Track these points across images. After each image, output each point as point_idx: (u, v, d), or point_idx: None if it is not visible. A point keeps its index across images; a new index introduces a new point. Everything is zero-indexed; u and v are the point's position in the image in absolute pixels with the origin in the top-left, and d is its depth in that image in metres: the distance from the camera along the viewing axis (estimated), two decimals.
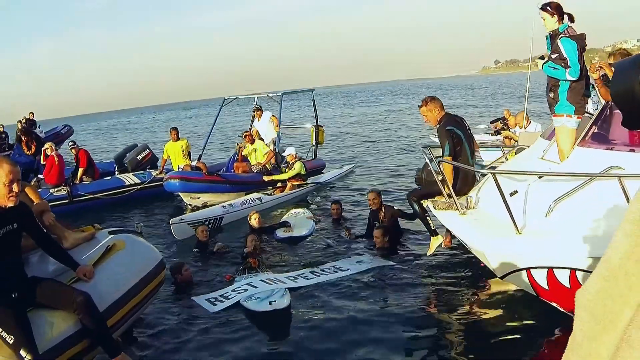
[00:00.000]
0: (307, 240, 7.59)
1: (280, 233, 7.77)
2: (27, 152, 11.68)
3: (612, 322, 0.51)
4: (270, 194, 10.42)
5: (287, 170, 11.18)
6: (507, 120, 10.19)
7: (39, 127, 13.85)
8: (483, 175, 5.15)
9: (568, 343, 0.67)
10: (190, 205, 10.29)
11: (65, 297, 3.29)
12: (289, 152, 11.37)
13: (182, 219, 8.32)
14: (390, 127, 24.52)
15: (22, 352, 2.98)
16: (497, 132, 10.00)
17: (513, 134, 9.85)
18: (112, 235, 3.95)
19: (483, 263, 5.35)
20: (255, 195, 10.04)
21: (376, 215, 7.25)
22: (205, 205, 9.89)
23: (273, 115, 12.12)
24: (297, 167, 11.00)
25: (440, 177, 4.90)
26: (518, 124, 9.81)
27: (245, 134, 11.34)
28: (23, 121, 14.87)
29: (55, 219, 3.83)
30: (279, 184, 10.82)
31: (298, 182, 10.98)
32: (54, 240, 3.63)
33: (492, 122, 10.86)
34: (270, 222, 8.52)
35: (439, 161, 4.92)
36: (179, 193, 10.57)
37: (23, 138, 12.27)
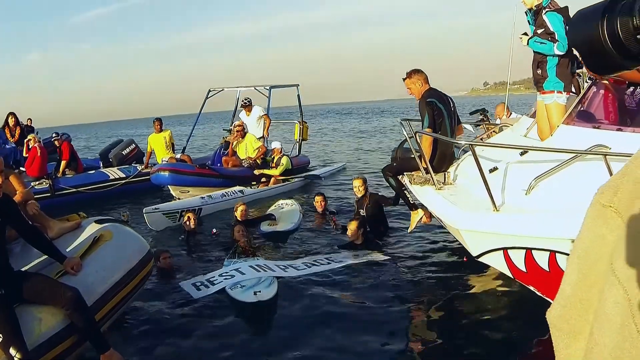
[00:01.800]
0: (294, 233, 7.47)
1: (265, 227, 7.58)
2: (11, 139, 11.30)
3: (580, 334, 0.58)
4: (254, 188, 10.30)
5: (272, 164, 11.12)
6: (487, 112, 10.35)
7: (37, 134, 13.63)
8: (464, 151, 5.05)
9: None
10: (178, 199, 9.89)
11: (53, 293, 3.20)
12: (275, 146, 11.25)
13: (156, 208, 8.08)
14: (377, 140, 24.89)
15: (12, 351, 2.89)
16: (477, 125, 10.15)
17: (493, 126, 9.71)
18: (99, 226, 3.84)
19: (467, 257, 5.36)
20: (237, 188, 9.85)
21: (361, 203, 7.18)
22: None
23: (266, 115, 11.84)
24: (285, 162, 10.94)
25: (417, 152, 4.77)
26: (498, 115, 9.79)
27: (237, 128, 11.15)
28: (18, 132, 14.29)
29: (40, 207, 3.74)
30: (263, 179, 10.74)
31: (283, 177, 10.92)
32: (40, 232, 3.51)
33: (471, 114, 10.97)
34: (257, 213, 8.38)
35: (416, 132, 4.77)
36: (169, 186, 10.24)
37: (10, 121, 11.78)
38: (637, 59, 0.71)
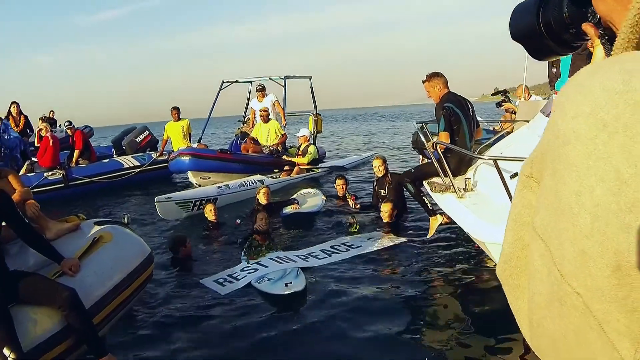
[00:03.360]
0: (315, 217, 7.68)
1: (287, 210, 7.76)
2: (15, 129, 11.41)
3: (525, 287, 0.67)
4: (276, 177, 10.37)
5: (298, 152, 11.16)
6: (508, 93, 10.63)
7: (60, 126, 13.92)
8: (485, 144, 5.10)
9: None
10: (199, 185, 9.97)
11: (50, 293, 3.23)
12: (302, 133, 11.28)
13: (168, 197, 8.14)
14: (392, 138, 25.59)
15: (6, 351, 2.93)
16: (499, 105, 10.41)
17: (514, 106, 9.98)
18: (98, 227, 3.90)
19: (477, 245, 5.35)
20: (256, 177, 9.89)
21: (382, 183, 7.45)
22: None
23: (277, 101, 11.87)
24: (312, 151, 10.95)
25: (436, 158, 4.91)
26: (518, 97, 9.99)
27: (262, 112, 11.17)
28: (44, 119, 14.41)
29: (40, 208, 3.81)
30: (286, 167, 10.77)
31: (307, 167, 10.95)
32: (37, 231, 3.56)
33: (493, 95, 11.19)
34: (279, 199, 8.52)
35: (436, 143, 4.89)
36: (189, 172, 10.33)
37: (13, 110, 11.95)
38: (571, 46, 0.87)
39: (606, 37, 0.71)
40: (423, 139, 5.24)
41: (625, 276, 0.52)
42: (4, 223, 3.35)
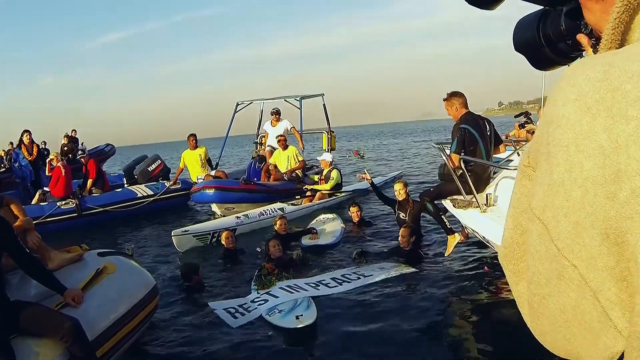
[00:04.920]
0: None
1: (306, 241, 7.83)
2: (28, 158, 11.64)
3: (523, 273, 0.74)
4: (297, 204, 10.37)
5: (319, 177, 11.11)
6: (530, 115, 11.05)
7: (82, 144, 14.19)
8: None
9: None
10: (223, 216, 10.03)
11: (52, 323, 3.22)
12: (325, 158, 11.22)
13: (185, 231, 8.26)
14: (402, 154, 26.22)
15: None
16: (522, 126, 10.76)
17: (535, 127, 10.18)
18: (101, 258, 3.93)
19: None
20: (276, 205, 9.96)
21: (404, 207, 7.57)
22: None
23: (293, 127, 11.94)
24: (335, 176, 10.86)
25: (459, 174, 5.10)
26: (540, 117, 10.14)
27: (279, 138, 11.22)
28: (65, 140, 14.64)
29: (41, 238, 3.82)
30: (308, 193, 10.74)
31: (330, 192, 10.86)
32: (38, 260, 3.57)
33: (516, 117, 11.56)
34: (296, 227, 8.53)
35: (461, 158, 5.07)
36: (214, 204, 10.44)
37: (25, 139, 12.14)
38: (569, 56, 0.99)
39: (597, 46, 0.78)
40: (444, 157, 5.37)
41: (613, 245, 0.58)
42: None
